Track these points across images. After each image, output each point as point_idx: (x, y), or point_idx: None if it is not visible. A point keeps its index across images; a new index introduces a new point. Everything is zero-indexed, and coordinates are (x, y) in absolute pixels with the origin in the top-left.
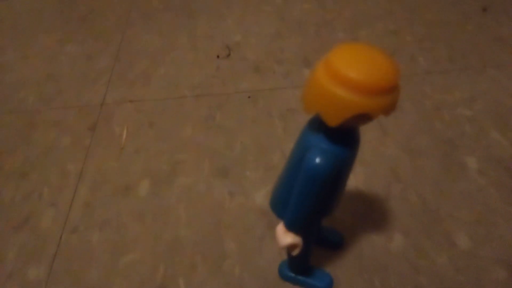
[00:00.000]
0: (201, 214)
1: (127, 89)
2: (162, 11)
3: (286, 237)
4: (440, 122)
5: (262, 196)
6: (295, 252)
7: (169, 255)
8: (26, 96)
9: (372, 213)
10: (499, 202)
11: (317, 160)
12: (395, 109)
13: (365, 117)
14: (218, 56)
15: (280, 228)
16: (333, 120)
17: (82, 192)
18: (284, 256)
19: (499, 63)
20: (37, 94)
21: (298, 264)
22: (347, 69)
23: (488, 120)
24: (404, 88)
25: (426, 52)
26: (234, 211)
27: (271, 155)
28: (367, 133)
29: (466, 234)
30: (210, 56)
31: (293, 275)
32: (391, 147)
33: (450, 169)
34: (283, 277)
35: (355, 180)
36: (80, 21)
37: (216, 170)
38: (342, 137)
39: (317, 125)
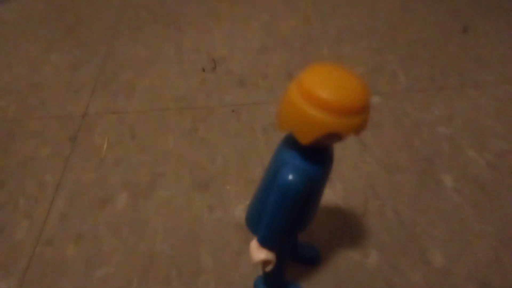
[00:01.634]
0: (179, 227)
1: (110, 100)
2: (150, 23)
3: (259, 253)
4: (418, 140)
5: (241, 211)
6: (269, 268)
7: (144, 269)
8: (7, 105)
9: (349, 229)
10: (474, 220)
11: (290, 177)
12: (366, 128)
13: (336, 136)
14: (203, 69)
15: (254, 244)
16: (304, 138)
17: (59, 204)
18: (260, 271)
19: (478, 83)
20: (19, 103)
21: (273, 280)
22: (319, 89)
23: (465, 138)
24: (384, 105)
25: (407, 70)
26: (212, 225)
27: (252, 169)
28: (347, 149)
29: (441, 251)
30: (195, 69)
31: None
32: (370, 163)
33: (427, 186)
34: None
35: (334, 196)
36: (67, 30)
37: (196, 183)
38: (315, 154)
39: (291, 142)
